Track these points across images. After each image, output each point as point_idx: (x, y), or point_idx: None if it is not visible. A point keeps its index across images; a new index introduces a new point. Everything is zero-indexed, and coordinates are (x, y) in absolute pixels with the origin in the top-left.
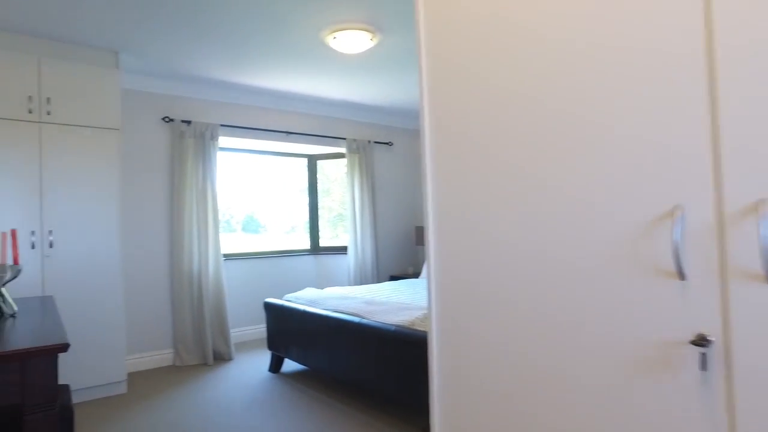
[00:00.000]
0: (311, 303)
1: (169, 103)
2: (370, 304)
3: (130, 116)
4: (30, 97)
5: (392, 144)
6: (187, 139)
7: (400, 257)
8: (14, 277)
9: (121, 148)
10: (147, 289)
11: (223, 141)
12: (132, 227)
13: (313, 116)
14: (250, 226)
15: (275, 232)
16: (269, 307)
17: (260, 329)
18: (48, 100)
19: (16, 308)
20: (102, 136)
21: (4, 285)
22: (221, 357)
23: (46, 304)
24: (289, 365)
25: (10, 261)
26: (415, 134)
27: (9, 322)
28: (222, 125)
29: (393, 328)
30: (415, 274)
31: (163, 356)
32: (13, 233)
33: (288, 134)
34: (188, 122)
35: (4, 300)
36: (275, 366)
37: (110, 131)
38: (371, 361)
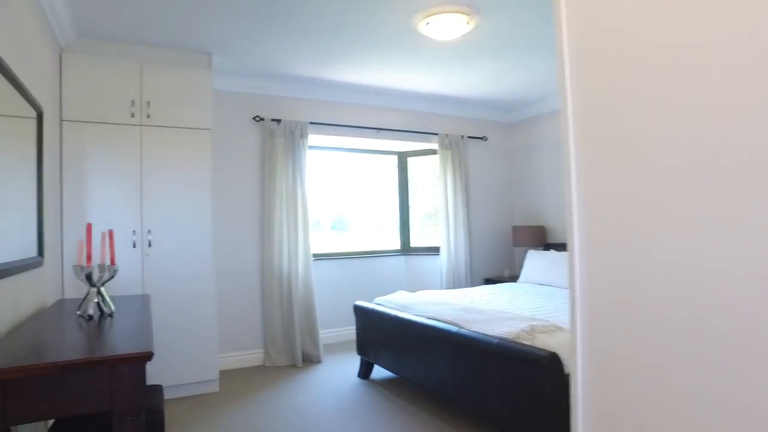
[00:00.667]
0: (403, 308)
1: (258, 102)
2: (468, 311)
3: (221, 117)
4: (133, 102)
5: (486, 138)
6: (277, 138)
7: (496, 259)
8: (111, 277)
9: (212, 148)
10: (238, 288)
11: (312, 139)
12: (223, 227)
13: (403, 111)
14: (339, 224)
15: (363, 230)
16: (359, 311)
17: (348, 331)
18: (148, 103)
19: (113, 308)
20: (195, 137)
21: (103, 285)
22: (310, 359)
23: (142, 303)
24: (379, 372)
25: (108, 261)
26: (510, 128)
27: (107, 321)
28: (311, 123)
29: (495, 340)
30: (512, 278)
31: (253, 356)
32: (110, 234)
33: (378, 131)
34: (278, 121)
35: (104, 299)
36: (364, 372)
37: (202, 132)
38: (469, 375)
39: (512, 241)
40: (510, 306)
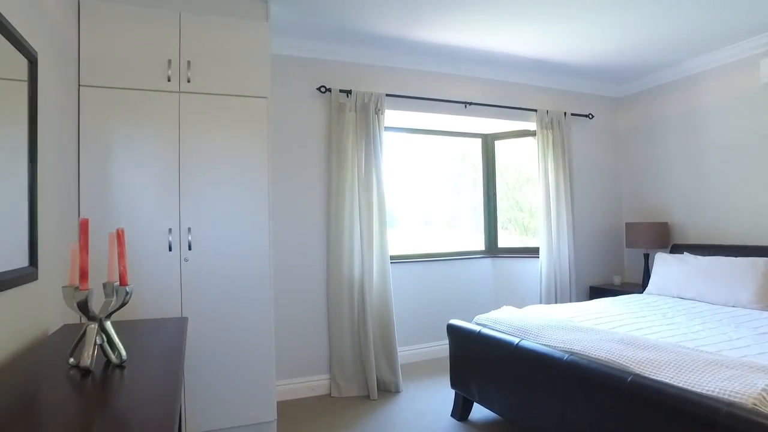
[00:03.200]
0: (521, 333)
1: (324, 69)
2: (628, 344)
3: (277, 87)
4: (169, 62)
5: (592, 117)
6: (347, 114)
7: (603, 263)
8: (123, 305)
9: (270, 121)
10: (299, 299)
11: (388, 116)
12: (281, 223)
13: (495, 83)
14: (414, 220)
15: (441, 228)
16: (455, 332)
17: (429, 349)
18: (188, 64)
19: (125, 354)
20: (249, 108)
21: (109, 317)
22: (386, 388)
23: (176, 333)
24: (480, 411)
25: (116, 279)
26: (620, 104)
27: (115, 376)
28: (388, 95)
29: (722, 407)
30: (624, 286)
31: (317, 383)
32: (119, 234)
33: (467, 105)
34: (348, 92)
35: (110, 340)
36: (461, 411)
37: (258, 101)
38: None
39: (625, 241)
40: (677, 334)
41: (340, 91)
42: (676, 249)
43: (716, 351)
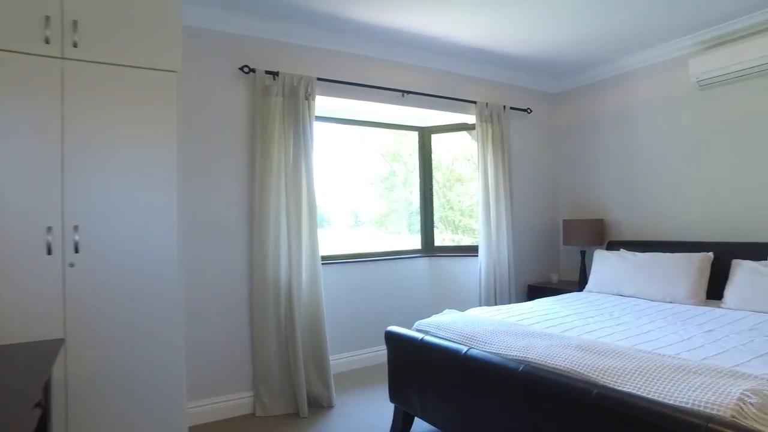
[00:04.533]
0: (468, 340)
1: (248, 46)
2: (587, 350)
3: (194, 64)
4: (47, 19)
5: (531, 111)
6: (274, 98)
7: (541, 261)
8: None
9: (180, 100)
10: (218, 307)
11: (319, 103)
12: (195, 220)
13: (433, 72)
14: (342, 218)
15: (372, 226)
16: (394, 340)
17: (364, 356)
18: (74, 24)
19: None
20: (154, 83)
21: None
22: (318, 402)
23: (38, 364)
24: (421, 426)
25: None
26: (556, 99)
27: None
28: (320, 79)
29: (704, 423)
30: (561, 284)
31: (239, 402)
32: None
33: (404, 94)
34: (275, 74)
35: None
36: (402, 427)
37: (165, 75)
38: None
39: (562, 239)
40: (630, 335)
41: (266, 72)
42: (613, 246)
43: (675, 354)
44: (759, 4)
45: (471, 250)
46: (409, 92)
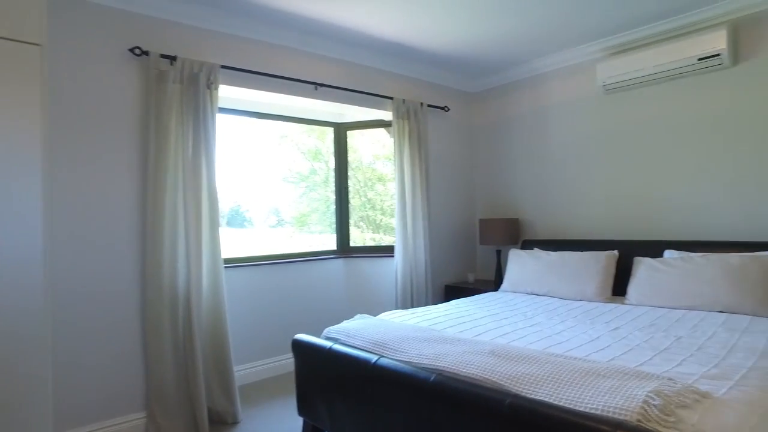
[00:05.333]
0: (378, 347)
1: (141, 26)
2: (499, 356)
3: (73, 41)
4: None
5: (448, 109)
6: (171, 85)
7: (458, 260)
8: None
9: (46, 79)
10: (102, 319)
11: (223, 93)
12: (74, 221)
13: (349, 65)
14: (237, 219)
15: (292, 226)
16: (302, 350)
17: (273, 365)
18: None
19: None
20: (10, 56)
21: None
22: (221, 419)
23: None
24: None
25: None
26: (473, 99)
27: None
28: (224, 67)
29: (607, 429)
30: (479, 284)
31: (128, 426)
32: None
33: (317, 87)
34: (172, 58)
35: None
36: None
37: (26, 48)
38: None
39: (478, 238)
40: (543, 337)
41: (162, 56)
42: (527, 245)
43: (585, 356)
44: (656, 15)
45: (388, 251)
46: (322, 85)
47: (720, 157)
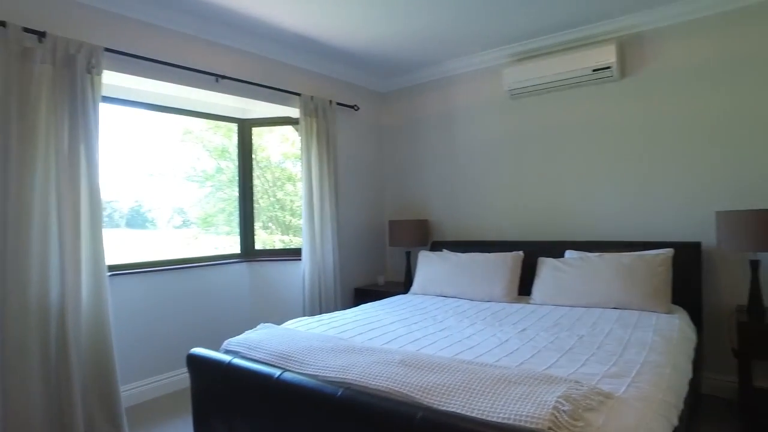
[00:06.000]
0: (282, 360)
1: None
2: (409, 365)
3: None
4: None
5: (358, 108)
6: (38, 66)
7: (367, 263)
8: None
9: None
10: None
11: (106, 79)
12: None
13: (254, 57)
14: (138, 220)
15: (197, 228)
16: (198, 365)
17: (169, 380)
18: None
19: None
20: None
21: None
22: None
23: None
24: None
25: None
26: (384, 98)
27: None
28: (108, 50)
29: None
30: (389, 286)
31: None
32: None
33: (218, 79)
34: (41, 34)
35: None
36: None
37: None
38: None
39: (388, 240)
40: (453, 342)
41: (26, 30)
42: (436, 246)
43: (496, 361)
44: (556, 27)
45: (295, 254)
46: (224, 77)
47: (611, 163)
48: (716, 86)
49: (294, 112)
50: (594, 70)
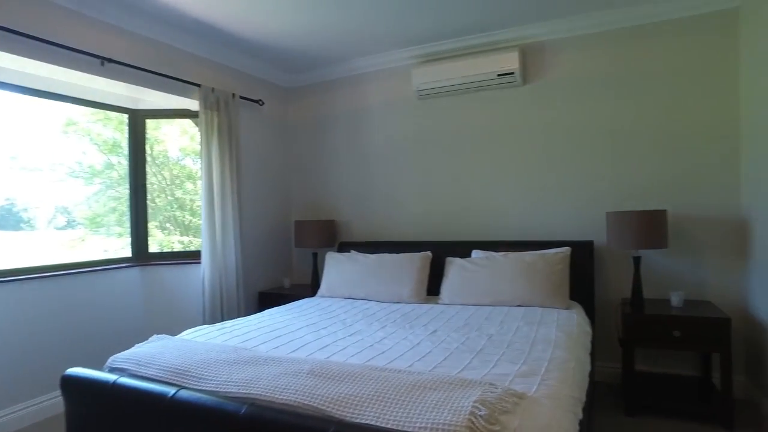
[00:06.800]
0: (178, 376)
1: None
2: (319, 375)
3: None
4: None
5: (263, 104)
6: None
7: (272, 265)
8: None
9: None
10: None
11: None
12: None
13: (148, 41)
14: (10, 220)
15: (84, 228)
16: (76, 388)
17: (42, 406)
18: None
19: None
20: None
21: None
22: None
23: None
24: None
25: None
26: (292, 94)
27: None
28: None
29: None
30: (295, 289)
31: None
32: None
33: (104, 62)
34: None
35: None
36: None
37: None
38: None
39: (294, 241)
40: (365, 347)
41: None
42: (344, 247)
43: (409, 366)
44: (463, 30)
45: (194, 256)
46: (111, 60)
47: (515, 166)
48: (606, 97)
49: (193, 105)
50: (499, 75)
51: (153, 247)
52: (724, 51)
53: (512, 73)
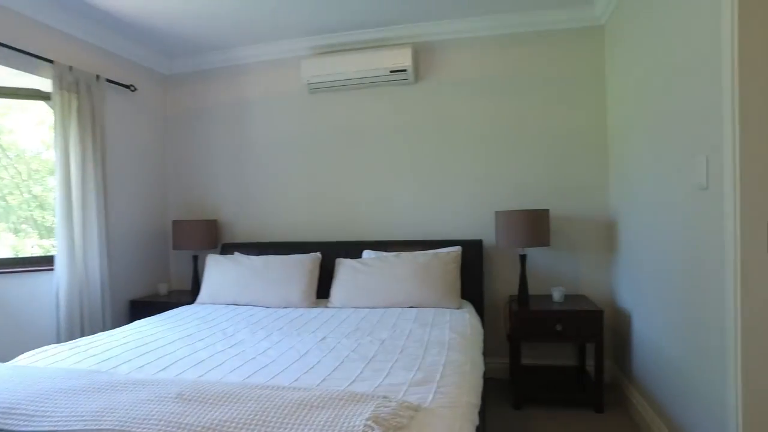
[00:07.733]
0: (4, 414)
1: None
2: (193, 401)
3: None
4: None
5: (135, 89)
6: None
7: (146, 270)
8: None
9: None
10: None
11: None
12: None
13: None
14: None
15: None
16: None
17: None
18: None
19: None
20: None
21: None
22: None
23: None
24: None
25: None
26: (169, 82)
27: None
28: None
29: None
30: (172, 296)
31: None
32: None
33: None
34: None
35: None
36: None
37: None
38: None
39: (171, 243)
40: (246, 360)
41: None
42: (227, 249)
43: (294, 380)
44: (356, 24)
45: (47, 262)
46: None
47: (407, 164)
48: (493, 99)
49: (44, 84)
50: (391, 71)
51: (5, 252)
52: (593, 64)
53: (405, 70)
